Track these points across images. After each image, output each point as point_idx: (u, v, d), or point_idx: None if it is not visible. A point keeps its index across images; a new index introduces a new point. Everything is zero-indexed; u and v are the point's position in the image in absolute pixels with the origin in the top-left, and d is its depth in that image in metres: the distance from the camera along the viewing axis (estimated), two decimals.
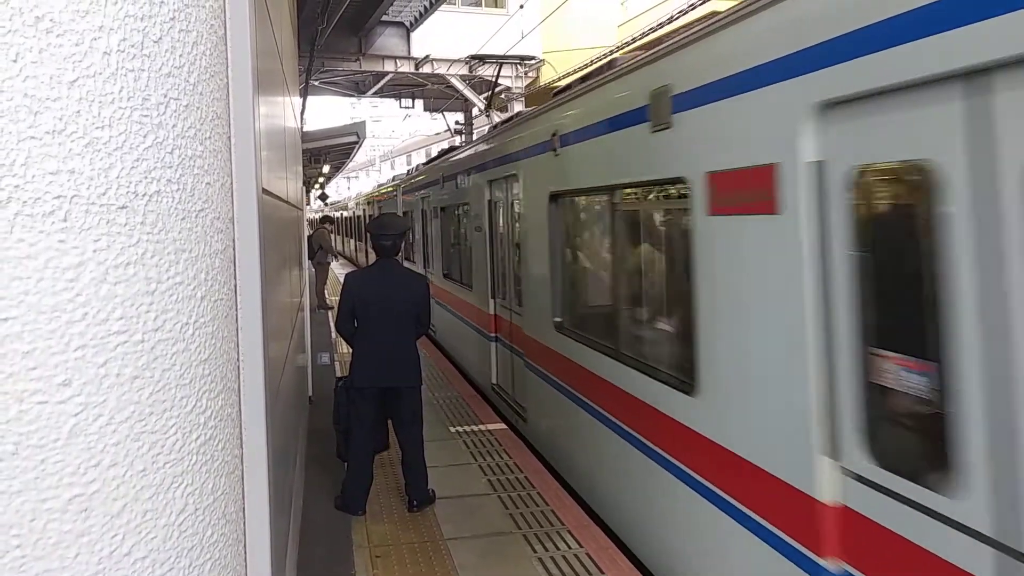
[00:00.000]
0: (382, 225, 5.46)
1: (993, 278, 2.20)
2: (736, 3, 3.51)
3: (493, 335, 8.58)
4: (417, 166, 17.92)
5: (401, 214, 15.69)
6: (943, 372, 2.37)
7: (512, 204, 7.52)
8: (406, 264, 13.45)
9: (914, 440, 2.66)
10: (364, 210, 26.31)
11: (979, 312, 2.25)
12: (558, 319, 6.10)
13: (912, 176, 2.52)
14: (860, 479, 2.68)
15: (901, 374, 2.56)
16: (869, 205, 2.70)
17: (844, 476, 2.77)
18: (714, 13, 3.88)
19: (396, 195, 17.20)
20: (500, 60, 13.46)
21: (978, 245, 2.24)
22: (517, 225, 7.30)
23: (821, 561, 2.89)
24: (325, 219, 17.93)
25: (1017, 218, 2.11)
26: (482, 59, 13.76)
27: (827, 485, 2.83)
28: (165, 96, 1.21)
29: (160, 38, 1.20)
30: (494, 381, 8.61)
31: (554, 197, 5.98)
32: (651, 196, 4.58)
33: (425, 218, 13.18)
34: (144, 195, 1.17)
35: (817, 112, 2.79)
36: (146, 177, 1.17)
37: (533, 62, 20.12)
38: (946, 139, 2.31)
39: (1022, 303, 2.12)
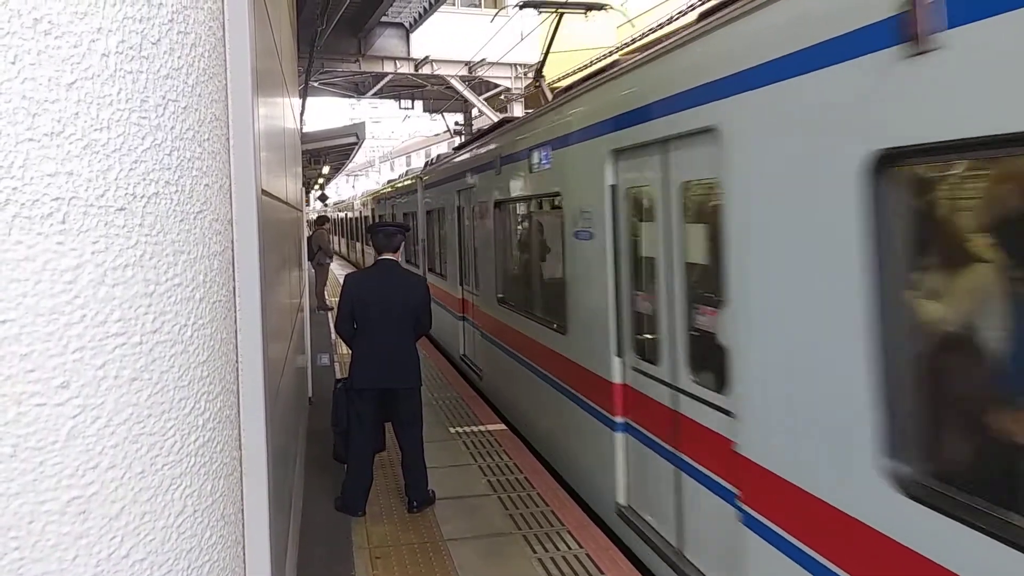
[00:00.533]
0: (382, 222, 5.50)
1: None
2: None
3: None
4: (438, 157, 14.51)
5: (423, 216, 13.36)
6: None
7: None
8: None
9: None
10: (372, 210, 23.27)
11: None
12: None
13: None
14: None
15: None
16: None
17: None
18: (709, 14, 3.89)
19: (416, 190, 13.93)
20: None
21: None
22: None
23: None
24: (322, 219, 17.91)
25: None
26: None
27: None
28: (164, 98, 1.21)
29: (158, 40, 1.20)
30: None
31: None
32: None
33: (464, 219, 9.79)
34: (143, 197, 1.17)
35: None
36: (144, 179, 1.17)
37: (532, 63, 20.14)
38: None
39: None
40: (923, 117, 2.27)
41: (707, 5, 4.46)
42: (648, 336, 4.57)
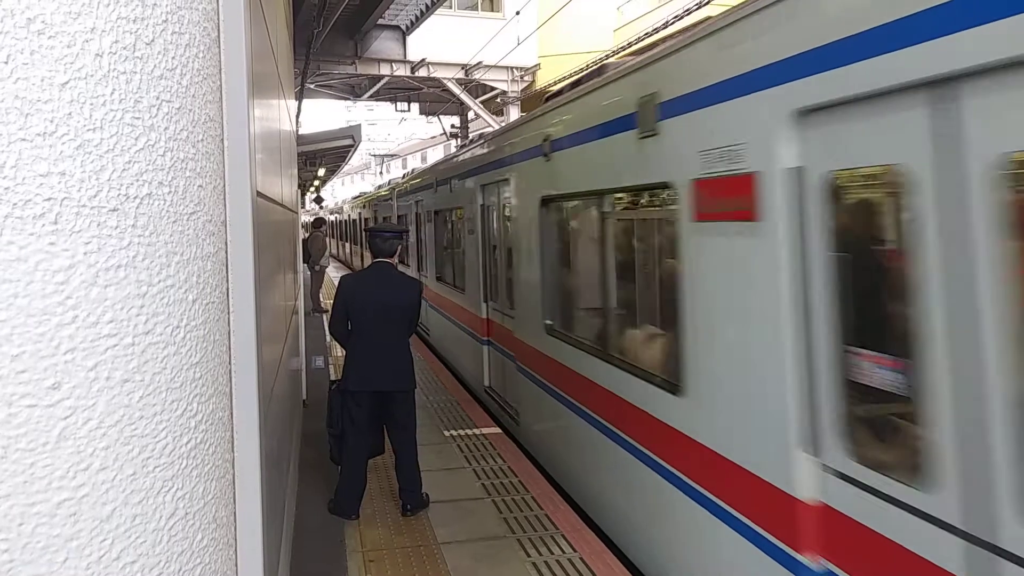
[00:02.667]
0: (380, 225, 5.51)
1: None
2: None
3: None
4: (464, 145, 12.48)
5: (448, 227, 11.32)
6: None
7: None
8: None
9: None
10: (375, 213, 20.70)
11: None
12: None
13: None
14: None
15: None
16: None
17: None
18: (708, 17, 3.89)
19: (431, 186, 11.84)
20: None
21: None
22: None
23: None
24: (318, 222, 17.88)
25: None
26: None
27: None
28: (157, 98, 1.21)
29: (152, 40, 1.20)
30: None
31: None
32: None
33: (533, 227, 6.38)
34: (135, 198, 1.16)
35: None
36: (138, 180, 1.17)
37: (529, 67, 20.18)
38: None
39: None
40: None
41: (703, 9, 4.43)
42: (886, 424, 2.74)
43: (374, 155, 46.61)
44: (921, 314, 2.39)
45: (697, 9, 12.24)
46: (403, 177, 17.91)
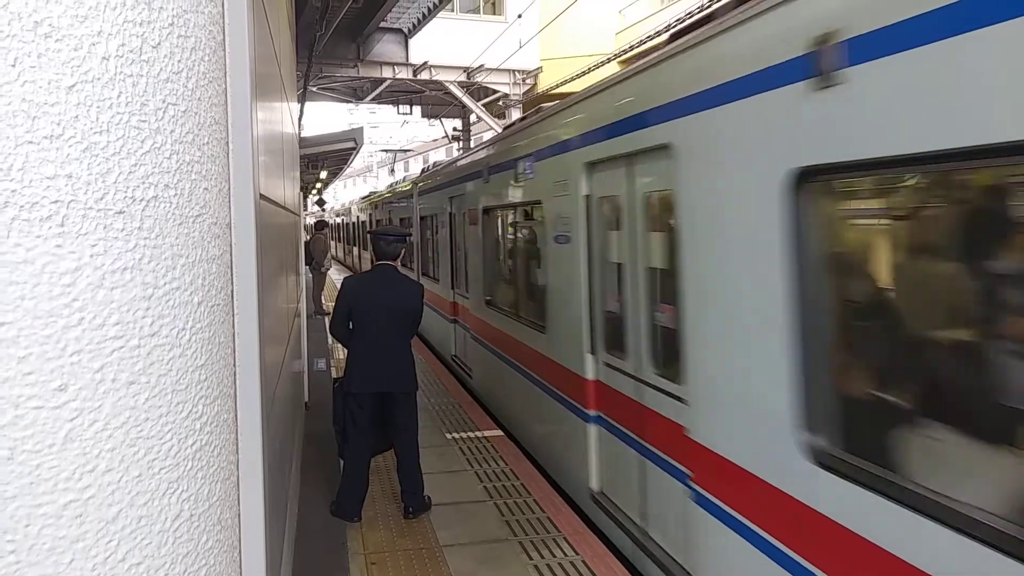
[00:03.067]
0: (384, 229, 5.52)
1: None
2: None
3: None
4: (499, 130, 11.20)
5: (479, 237, 8.52)
6: None
7: None
8: None
9: None
10: (389, 215, 17.78)
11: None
12: None
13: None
14: None
15: None
16: None
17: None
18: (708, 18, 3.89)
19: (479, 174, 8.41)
20: None
21: None
22: None
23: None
24: (320, 224, 17.89)
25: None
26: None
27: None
28: (163, 101, 1.21)
29: (159, 43, 1.21)
30: None
31: None
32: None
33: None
34: (142, 200, 1.17)
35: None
36: (144, 182, 1.17)
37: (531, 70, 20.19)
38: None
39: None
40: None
41: (704, 13, 4.45)
42: None
43: (387, 151, 44.10)
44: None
45: (699, 13, 12.26)
46: (425, 171, 14.48)
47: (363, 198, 25.96)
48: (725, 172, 3.43)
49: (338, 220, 36.38)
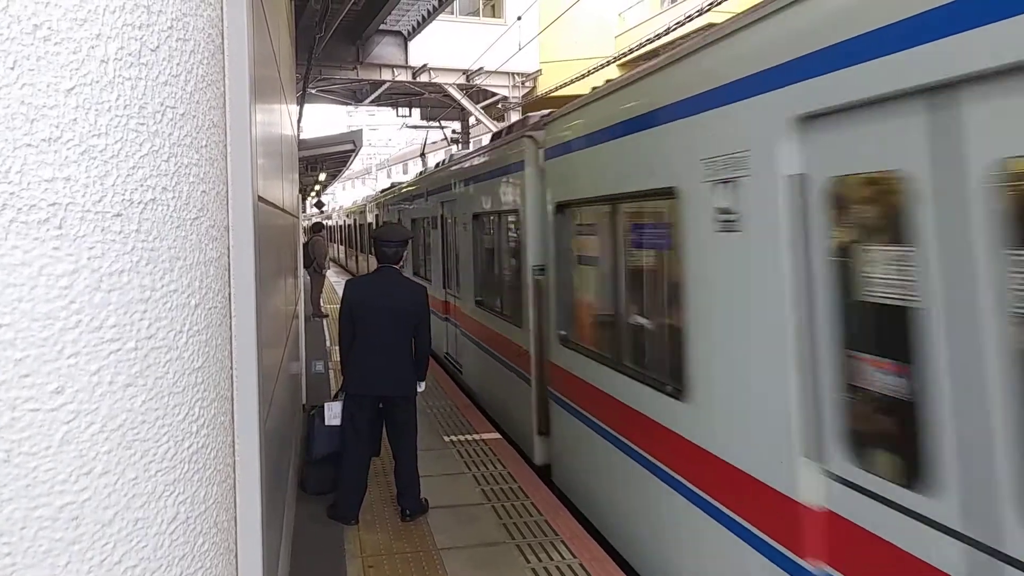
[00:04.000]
0: (385, 233, 5.50)
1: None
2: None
3: None
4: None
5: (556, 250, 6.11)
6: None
7: None
8: None
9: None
10: (399, 215, 15.21)
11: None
12: None
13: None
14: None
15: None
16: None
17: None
18: (711, 25, 3.89)
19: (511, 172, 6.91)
20: None
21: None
22: None
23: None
24: (318, 226, 17.89)
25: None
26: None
27: None
28: (162, 104, 1.22)
29: (158, 47, 1.21)
30: None
31: None
32: None
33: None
34: (139, 203, 1.17)
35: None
36: (142, 185, 1.17)
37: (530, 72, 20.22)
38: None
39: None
40: None
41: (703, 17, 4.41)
42: None
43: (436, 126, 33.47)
44: None
45: (699, 16, 12.28)
46: (450, 158, 11.85)
47: (384, 191, 20.45)
48: None
49: (345, 221, 30.30)
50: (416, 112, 24.96)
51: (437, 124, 22.45)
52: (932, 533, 2.33)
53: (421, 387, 5.38)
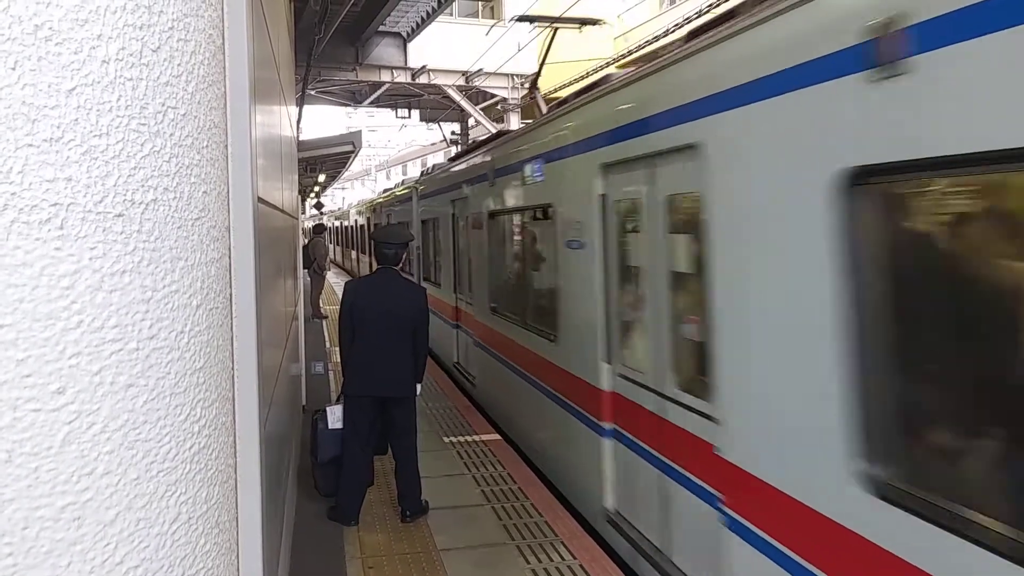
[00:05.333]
0: (387, 235, 5.50)
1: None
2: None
3: None
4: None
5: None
6: None
7: None
8: None
9: None
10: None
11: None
12: None
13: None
14: None
15: None
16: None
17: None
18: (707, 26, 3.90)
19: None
20: None
21: None
22: None
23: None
24: (319, 227, 17.89)
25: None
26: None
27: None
28: (163, 105, 1.22)
29: (159, 47, 1.21)
30: None
31: None
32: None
33: None
34: (141, 203, 1.17)
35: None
36: (143, 185, 1.17)
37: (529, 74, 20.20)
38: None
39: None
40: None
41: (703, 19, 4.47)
42: None
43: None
44: None
45: (697, 17, 12.29)
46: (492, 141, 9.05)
47: (405, 182, 17.09)
48: None
49: (356, 221, 26.33)
50: (415, 113, 24.95)
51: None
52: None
53: (418, 389, 5.39)
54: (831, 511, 2.73)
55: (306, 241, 16.16)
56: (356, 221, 25.56)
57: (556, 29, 9.19)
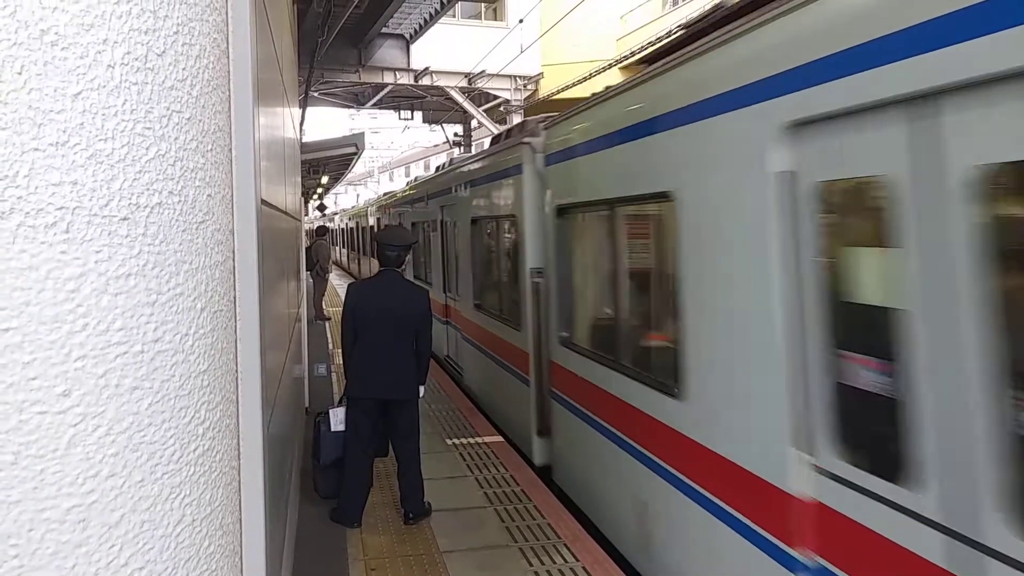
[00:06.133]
0: (389, 237, 5.50)
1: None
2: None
3: None
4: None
5: None
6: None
7: None
8: None
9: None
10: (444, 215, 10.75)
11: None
12: None
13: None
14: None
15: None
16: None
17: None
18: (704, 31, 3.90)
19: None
20: None
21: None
22: None
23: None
24: (322, 230, 17.91)
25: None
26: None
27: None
28: (168, 109, 1.22)
29: (164, 51, 1.21)
30: None
31: None
32: None
33: None
34: (146, 207, 1.18)
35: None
36: (148, 189, 1.18)
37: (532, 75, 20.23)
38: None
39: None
40: None
41: (705, 21, 4.41)
42: None
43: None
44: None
45: (700, 20, 12.27)
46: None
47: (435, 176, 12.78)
48: None
49: (370, 219, 22.90)
50: (418, 115, 24.97)
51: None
52: None
53: (421, 391, 5.39)
54: None
55: (308, 243, 16.18)
56: (377, 221, 20.09)
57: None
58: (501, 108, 21.15)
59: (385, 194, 14.83)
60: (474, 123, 23.09)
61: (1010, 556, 2.08)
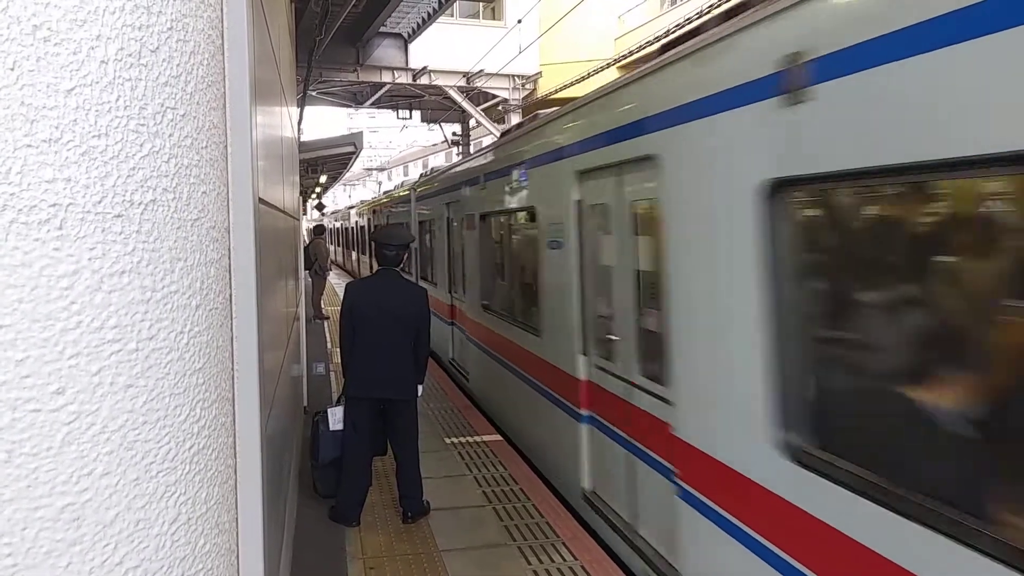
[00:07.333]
0: (387, 236, 5.49)
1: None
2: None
3: None
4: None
5: None
6: None
7: None
8: None
9: None
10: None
11: None
12: None
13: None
14: None
15: None
16: None
17: None
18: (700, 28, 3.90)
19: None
20: None
21: None
22: None
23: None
24: (319, 228, 17.90)
25: None
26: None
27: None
28: (162, 105, 1.22)
29: (158, 48, 1.21)
30: None
31: None
32: None
33: None
34: (140, 204, 1.17)
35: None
36: (142, 186, 1.17)
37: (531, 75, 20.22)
38: None
39: None
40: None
41: (704, 18, 4.43)
42: None
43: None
44: None
45: (698, 19, 12.28)
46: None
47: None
48: None
49: (373, 216, 20.80)
50: (416, 114, 24.96)
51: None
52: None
53: (419, 390, 5.39)
54: None
55: (307, 242, 16.18)
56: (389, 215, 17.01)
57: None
58: (499, 107, 21.13)
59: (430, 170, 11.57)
60: (472, 122, 23.08)
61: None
